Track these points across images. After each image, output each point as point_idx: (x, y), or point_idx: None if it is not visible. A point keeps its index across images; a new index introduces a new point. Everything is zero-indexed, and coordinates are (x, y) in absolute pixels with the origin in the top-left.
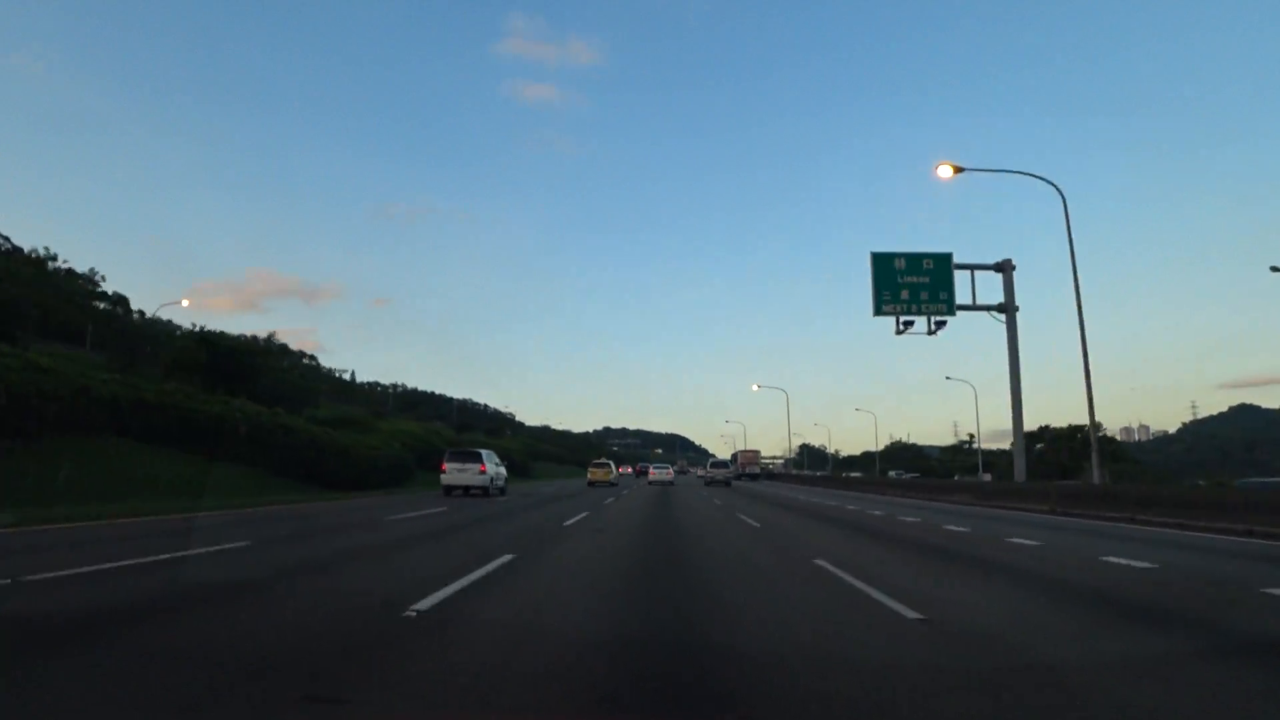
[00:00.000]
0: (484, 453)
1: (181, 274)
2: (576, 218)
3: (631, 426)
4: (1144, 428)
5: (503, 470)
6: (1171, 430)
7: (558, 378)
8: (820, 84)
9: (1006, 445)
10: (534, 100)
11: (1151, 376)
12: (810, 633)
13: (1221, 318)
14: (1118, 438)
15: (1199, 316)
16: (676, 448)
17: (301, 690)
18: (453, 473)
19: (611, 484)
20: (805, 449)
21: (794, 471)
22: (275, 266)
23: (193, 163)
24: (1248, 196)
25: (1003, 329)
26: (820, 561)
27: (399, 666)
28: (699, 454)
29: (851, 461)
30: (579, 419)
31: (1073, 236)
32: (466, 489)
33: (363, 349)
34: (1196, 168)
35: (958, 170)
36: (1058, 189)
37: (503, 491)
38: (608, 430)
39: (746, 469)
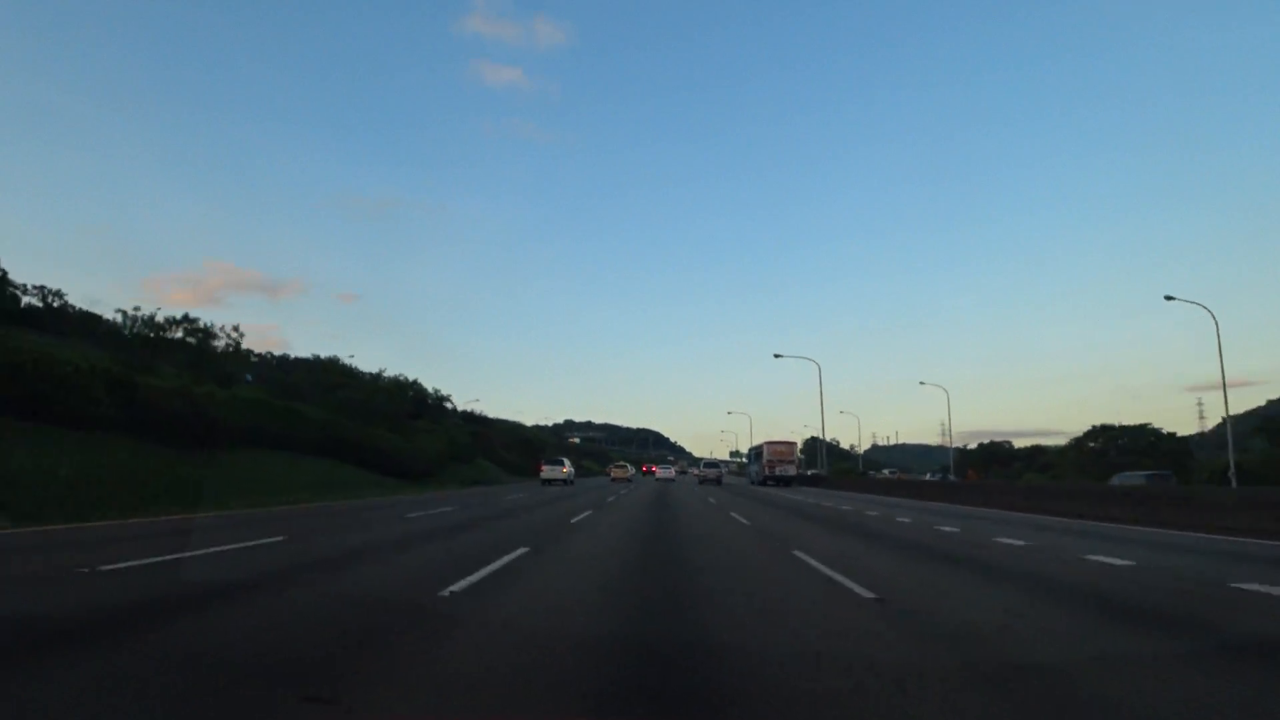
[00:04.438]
0: (564, 459)
1: (134, 265)
2: (544, 207)
3: (597, 420)
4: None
5: (573, 470)
6: (1206, 430)
7: (524, 369)
8: (801, 75)
9: None
10: (500, 84)
11: (1120, 378)
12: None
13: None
14: None
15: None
16: (649, 444)
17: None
18: (547, 471)
19: (629, 480)
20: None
21: (889, 475)
22: (235, 260)
23: (143, 150)
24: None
25: None
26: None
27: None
28: (672, 450)
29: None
30: (542, 411)
31: None
32: (551, 481)
33: (330, 346)
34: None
35: None
36: None
37: (573, 483)
38: (570, 424)
39: (776, 469)
